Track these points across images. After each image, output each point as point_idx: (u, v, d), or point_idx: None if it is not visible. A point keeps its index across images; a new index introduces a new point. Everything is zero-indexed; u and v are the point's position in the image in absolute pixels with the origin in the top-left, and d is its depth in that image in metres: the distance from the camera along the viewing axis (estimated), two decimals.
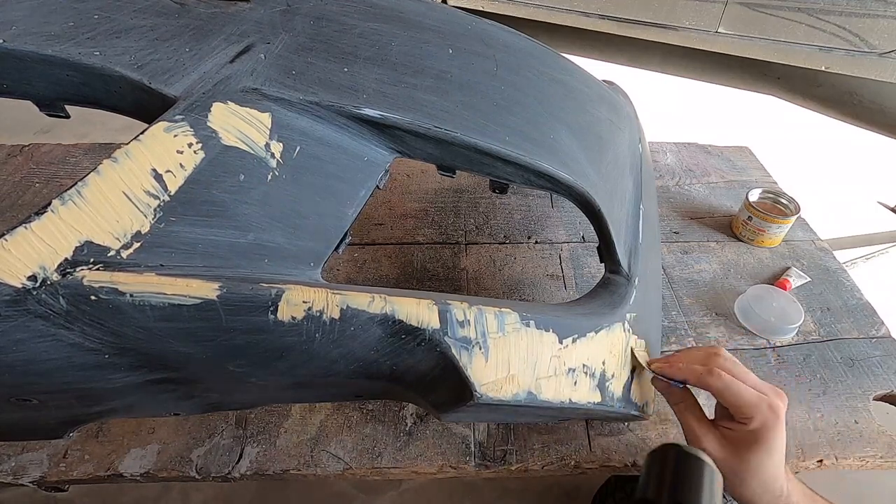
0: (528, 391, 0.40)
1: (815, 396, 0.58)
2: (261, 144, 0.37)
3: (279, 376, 0.37)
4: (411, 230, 0.78)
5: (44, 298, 0.28)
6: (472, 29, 0.52)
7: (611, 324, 0.46)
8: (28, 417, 0.38)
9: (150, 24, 0.40)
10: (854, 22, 2.01)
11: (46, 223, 0.28)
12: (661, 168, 0.94)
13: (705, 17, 2.29)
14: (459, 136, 0.42)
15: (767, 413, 0.40)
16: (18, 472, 0.51)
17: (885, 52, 2.00)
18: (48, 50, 0.36)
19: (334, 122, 0.40)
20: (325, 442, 0.54)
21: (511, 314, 0.40)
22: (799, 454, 0.53)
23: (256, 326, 0.33)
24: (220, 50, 0.40)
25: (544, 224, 0.80)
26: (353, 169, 0.42)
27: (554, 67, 0.55)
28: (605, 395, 0.44)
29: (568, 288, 0.70)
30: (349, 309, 0.35)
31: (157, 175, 0.32)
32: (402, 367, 0.39)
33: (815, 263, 0.75)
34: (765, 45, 2.24)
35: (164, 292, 0.30)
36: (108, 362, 0.32)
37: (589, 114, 0.55)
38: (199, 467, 0.51)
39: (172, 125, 0.34)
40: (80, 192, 0.30)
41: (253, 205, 0.36)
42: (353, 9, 0.46)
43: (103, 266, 0.30)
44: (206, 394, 0.40)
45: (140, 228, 0.31)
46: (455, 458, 0.53)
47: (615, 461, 0.53)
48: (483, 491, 1.09)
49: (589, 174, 0.49)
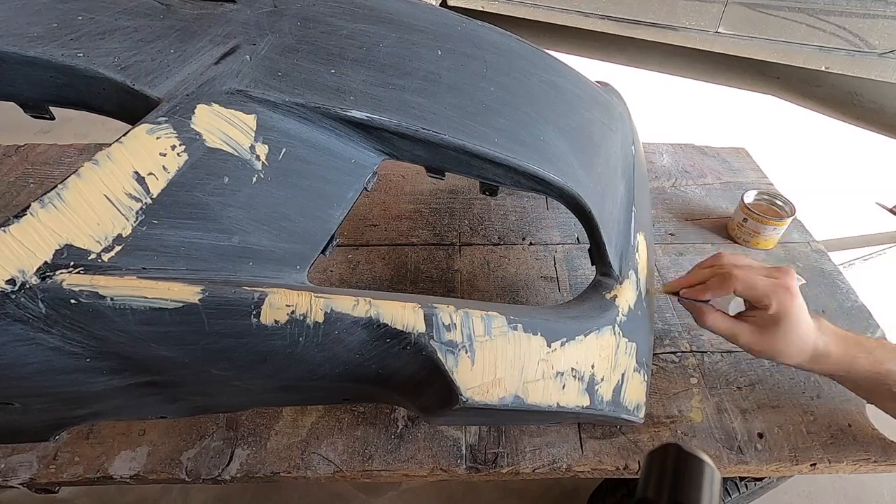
0: (515, 395, 0.39)
1: (809, 399, 0.58)
2: (245, 146, 0.37)
3: (264, 379, 0.37)
4: (405, 231, 0.78)
5: (23, 302, 0.28)
6: (462, 30, 0.51)
7: (600, 327, 0.45)
8: (12, 420, 0.38)
9: (134, 25, 0.40)
10: (854, 22, 2.00)
11: (25, 226, 0.28)
12: (656, 169, 0.94)
13: (705, 17, 2.28)
14: (447, 138, 0.42)
15: (783, 295, 0.46)
16: (7, 474, 0.51)
17: (885, 52, 1.99)
18: (31, 51, 0.36)
19: (321, 123, 0.40)
20: (315, 444, 0.53)
21: (498, 317, 0.40)
22: (792, 458, 0.53)
23: (239, 330, 0.33)
24: (206, 51, 0.39)
25: (539, 225, 0.80)
26: (339, 171, 0.41)
27: (544, 69, 0.55)
28: (594, 398, 0.44)
29: (562, 290, 0.70)
30: (333, 312, 0.34)
31: (139, 177, 0.32)
32: (388, 370, 0.38)
33: (810, 265, 0.75)
34: (765, 45, 2.23)
35: (146, 296, 0.30)
36: (89, 366, 0.32)
37: (580, 115, 0.54)
38: (189, 469, 0.51)
39: (155, 127, 0.33)
40: (60, 195, 0.30)
41: (237, 207, 0.36)
42: (341, 10, 0.46)
43: (84, 269, 0.29)
44: (191, 397, 0.40)
45: (121, 231, 0.31)
46: (446, 461, 0.52)
47: (607, 464, 0.52)
48: (483, 491, 1.08)
49: (579, 176, 0.49)
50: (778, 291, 0.46)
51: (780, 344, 0.47)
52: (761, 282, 0.46)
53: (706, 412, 0.57)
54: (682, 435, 0.55)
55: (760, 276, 0.47)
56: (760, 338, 0.48)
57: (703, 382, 0.59)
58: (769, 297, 0.46)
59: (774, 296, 0.46)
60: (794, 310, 0.46)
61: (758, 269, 0.48)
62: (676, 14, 2.33)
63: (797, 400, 0.58)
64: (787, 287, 0.46)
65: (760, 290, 0.46)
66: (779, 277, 0.47)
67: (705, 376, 0.60)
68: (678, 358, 0.62)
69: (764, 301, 0.46)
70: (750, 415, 0.56)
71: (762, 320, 0.48)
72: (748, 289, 0.47)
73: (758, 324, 0.48)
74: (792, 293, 0.46)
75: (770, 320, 0.47)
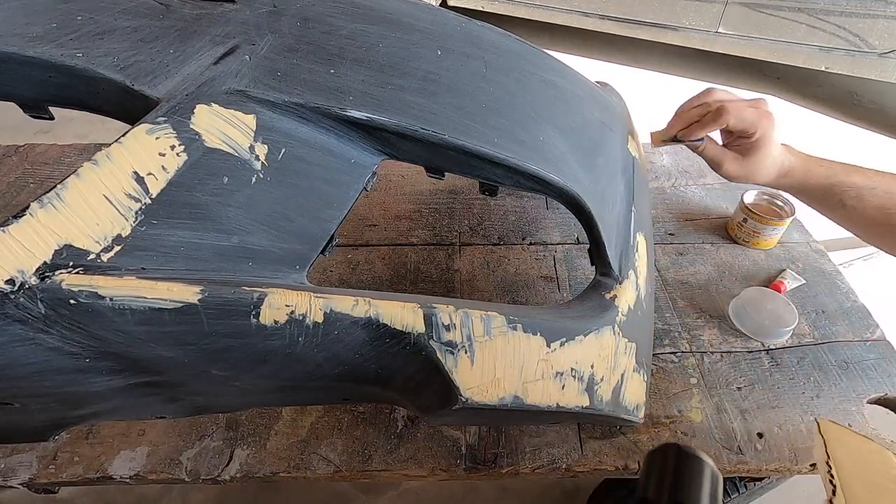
0: (515, 395, 0.39)
1: (809, 400, 0.58)
2: (245, 147, 0.37)
3: (263, 380, 0.37)
4: (405, 231, 0.78)
5: (22, 302, 0.28)
6: (462, 30, 0.51)
7: (600, 327, 0.45)
8: (11, 421, 0.38)
9: (134, 25, 0.40)
10: (854, 22, 2.00)
11: (24, 227, 0.28)
12: (656, 169, 0.94)
13: (705, 17, 2.28)
14: (447, 138, 0.42)
15: (766, 122, 0.53)
16: (7, 474, 0.51)
17: (885, 52, 1.99)
18: (31, 51, 0.36)
19: (320, 123, 0.40)
20: (315, 444, 0.53)
21: (498, 317, 0.40)
22: (792, 458, 0.53)
23: (238, 330, 0.33)
24: (205, 51, 0.39)
25: (539, 225, 0.80)
26: (339, 171, 0.41)
27: (544, 69, 0.55)
28: (594, 398, 0.44)
29: (562, 290, 0.70)
30: (332, 312, 0.34)
31: (138, 177, 0.32)
32: (387, 370, 0.38)
33: (810, 266, 0.75)
34: (765, 45, 2.23)
35: (145, 296, 0.30)
36: (88, 366, 0.32)
37: (580, 115, 0.54)
38: (189, 470, 0.51)
39: (155, 127, 0.33)
40: (59, 195, 0.30)
41: (237, 207, 0.36)
42: (341, 10, 0.46)
43: (83, 269, 0.29)
44: (190, 397, 0.40)
45: (121, 231, 0.31)
46: (445, 462, 0.52)
47: (607, 464, 0.52)
48: (483, 491, 1.08)
49: (579, 176, 0.49)
50: (762, 120, 0.53)
51: (757, 167, 0.55)
52: (749, 113, 0.53)
53: (706, 412, 0.57)
54: (682, 435, 0.55)
55: (747, 108, 0.53)
56: (742, 163, 0.55)
57: (703, 382, 0.59)
58: (755, 126, 0.53)
59: (759, 124, 0.53)
60: (773, 132, 0.53)
61: (742, 102, 0.54)
62: (676, 14, 2.33)
63: (797, 400, 0.58)
64: (769, 114, 0.53)
65: (749, 122, 0.52)
66: (759, 107, 0.54)
67: (705, 376, 0.60)
68: (678, 358, 0.62)
69: (750, 130, 0.53)
70: (750, 415, 0.56)
71: (746, 146, 0.55)
72: (740, 121, 0.53)
73: (740, 151, 0.56)
74: (771, 119, 0.53)
75: (752, 146, 0.54)
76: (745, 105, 0.53)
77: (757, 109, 0.53)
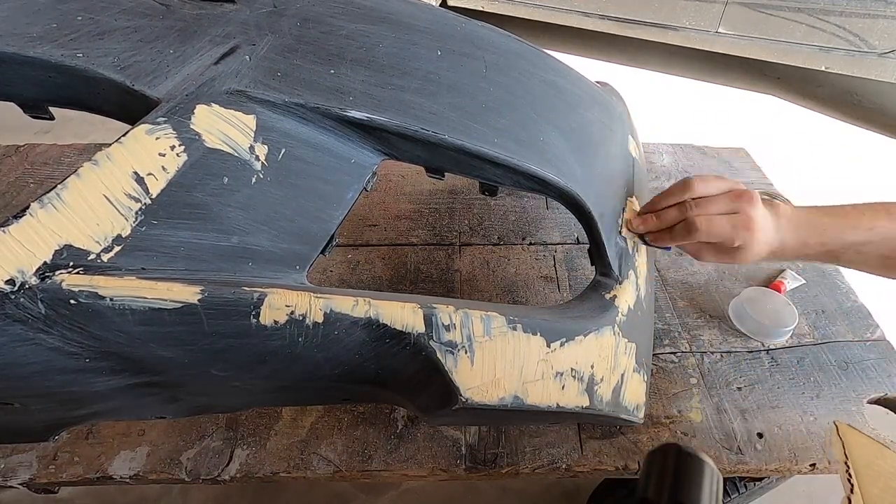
0: (515, 395, 0.39)
1: (809, 400, 0.58)
2: (245, 147, 0.37)
3: (263, 380, 0.37)
4: (405, 231, 0.78)
5: (22, 302, 0.28)
6: (462, 30, 0.51)
7: (600, 327, 0.45)
8: (12, 421, 0.38)
9: (134, 25, 0.40)
10: (854, 22, 2.00)
11: (25, 227, 0.28)
12: (657, 169, 0.94)
13: (705, 17, 2.28)
14: (447, 138, 0.42)
15: (744, 232, 0.47)
16: (7, 474, 0.51)
17: (885, 52, 1.99)
18: (31, 51, 0.36)
19: (320, 124, 0.40)
20: (315, 444, 0.53)
21: (498, 318, 0.40)
22: (791, 458, 0.53)
23: (238, 330, 0.33)
24: (205, 51, 0.39)
25: (539, 225, 0.80)
26: (339, 171, 0.41)
27: (544, 69, 0.55)
28: (594, 399, 0.44)
29: (562, 290, 0.70)
30: (332, 313, 0.34)
31: (138, 178, 0.32)
32: (387, 370, 0.38)
33: (810, 266, 0.75)
34: (765, 45, 2.23)
35: (145, 296, 0.30)
36: (88, 366, 0.32)
37: (580, 115, 0.54)
38: (189, 470, 0.51)
39: (155, 127, 0.33)
40: (59, 196, 0.30)
41: (237, 208, 0.36)
42: (341, 10, 0.46)
43: (83, 270, 0.29)
44: (190, 397, 0.40)
45: (121, 232, 0.31)
46: (445, 462, 0.52)
47: (607, 464, 0.52)
48: (483, 491, 1.08)
49: (579, 176, 0.49)
50: (739, 231, 0.47)
51: (743, 257, 0.50)
52: (724, 227, 0.47)
53: (706, 412, 0.57)
54: (682, 435, 0.55)
55: (722, 220, 0.48)
56: (725, 258, 0.51)
57: (703, 382, 0.60)
58: (733, 238, 0.48)
59: (737, 235, 0.47)
60: (756, 235, 0.47)
61: (719, 204, 0.48)
62: (676, 14, 2.33)
63: (797, 400, 0.58)
64: (748, 220, 0.47)
65: (726, 235, 0.48)
66: (739, 211, 0.47)
67: (705, 376, 0.60)
68: (678, 358, 0.62)
69: (729, 243, 0.48)
70: (749, 415, 0.56)
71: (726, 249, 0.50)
72: (715, 237, 0.48)
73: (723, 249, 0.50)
74: (752, 227, 0.47)
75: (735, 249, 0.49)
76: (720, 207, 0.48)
77: (733, 218, 0.47)
